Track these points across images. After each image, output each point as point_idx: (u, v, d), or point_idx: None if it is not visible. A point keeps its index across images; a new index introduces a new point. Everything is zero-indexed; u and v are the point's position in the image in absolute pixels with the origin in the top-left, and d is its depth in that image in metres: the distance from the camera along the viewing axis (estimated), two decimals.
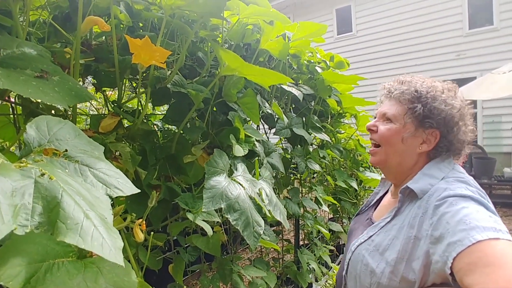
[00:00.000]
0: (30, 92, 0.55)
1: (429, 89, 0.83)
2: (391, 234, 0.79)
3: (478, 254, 0.59)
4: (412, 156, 0.85)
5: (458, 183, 0.75)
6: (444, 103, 0.81)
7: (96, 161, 0.50)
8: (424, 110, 0.82)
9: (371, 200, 1.04)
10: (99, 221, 0.38)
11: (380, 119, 0.91)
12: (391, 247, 0.77)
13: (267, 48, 1.30)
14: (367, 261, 0.81)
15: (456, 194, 0.71)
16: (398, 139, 0.85)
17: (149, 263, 1.03)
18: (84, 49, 0.96)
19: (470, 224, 0.63)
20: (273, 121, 1.58)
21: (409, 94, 0.84)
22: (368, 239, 0.85)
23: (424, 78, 0.88)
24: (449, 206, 0.69)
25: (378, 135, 0.88)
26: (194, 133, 1.04)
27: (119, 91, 0.96)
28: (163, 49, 0.80)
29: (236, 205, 0.80)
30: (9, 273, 0.45)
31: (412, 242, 0.73)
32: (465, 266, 0.60)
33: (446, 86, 0.85)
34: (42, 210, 0.35)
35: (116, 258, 0.36)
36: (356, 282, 0.84)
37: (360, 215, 1.04)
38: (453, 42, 6.94)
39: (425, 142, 0.83)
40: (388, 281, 0.75)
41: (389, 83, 0.92)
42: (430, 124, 0.82)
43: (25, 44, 0.67)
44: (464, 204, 0.68)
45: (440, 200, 0.72)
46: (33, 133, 0.46)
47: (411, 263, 0.72)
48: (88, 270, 0.55)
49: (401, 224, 0.79)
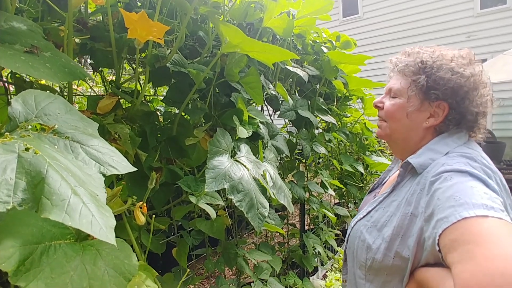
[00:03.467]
0: (18, 66, 0.52)
1: (436, 59, 0.77)
2: (390, 211, 0.77)
3: (462, 231, 0.56)
4: (418, 131, 0.80)
5: (460, 158, 0.71)
6: (451, 72, 0.75)
7: (89, 138, 0.47)
8: (428, 81, 0.76)
9: (383, 177, 1.01)
10: (89, 198, 0.35)
11: (386, 95, 0.87)
12: (389, 223, 0.75)
13: (270, 26, 1.24)
14: (365, 236, 0.79)
15: (453, 169, 0.67)
16: (403, 114, 0.80)
17: (153, 247, 1.02)
18: (80, 27, 0.92)
19: (460, 200, 0.59)
20: (277, 103, 1.54)
21: (413, 66, 0.79)
22: (367, 214, 0.83)
23: (435, 48, 0.82)
24: (443, 181, 0.65)
25: (384, 111, 0.85)
26: (195, 114, 1.01)
27: (117, 71, 0.92)
28: (160, 24, 0.76)
29: (239, 186, 0.77)
30: (2, 255, 0.43)
31: (409, 218, 0.71)
32: (449, 243, 0.57)
33: (458, 54, 0.79)
34: (26, 186, 0.33)
35: (107, 236, 0.33)
36: (353, 257, 0.84)
37: (371, 192, 1.02)
38: (464, 23, 6.71)
39: (432, 116, 0.78)
40: (382, 257, 0.74)
41: (396, 57, 0.88)
42: (436, 96, 0.76)
43: (14, 19, 0.64)
44: (459, 179, 0.64)
45: (435, 175, 0.68)
46: (19, 107, 0.43)
47: (406, 240, 0.70)
48: (86, 252, 0.53)
49: (400, 200, 0.76)
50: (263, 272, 1.44)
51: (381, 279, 0.77)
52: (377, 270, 0.77)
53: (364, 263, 0.79)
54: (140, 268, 0.74)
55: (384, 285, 0.77)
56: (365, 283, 0.80)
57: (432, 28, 7.03)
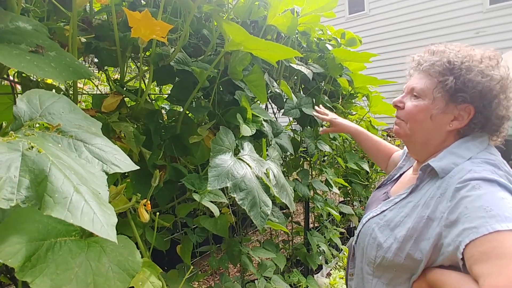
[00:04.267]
0: (23, 66, 0.53)
1: (464, 59, 0.74)
2: (404, 211, 0.76)
3: (494, 244, 0.55)
4: (441, 134, 0.78)
5: (485, 165, 0.69)
6: (481, 74, 0.71)
7: (92, 137, 0.48)
8: (457, 83, 0.73)
9: (394, 174, 0.99)
10: (91, 196, 0.36)
11: (407, 94, 0.83)
12: (402, 224, 0.75)
13: (274, 23, 1.24)
14: (376, 234, 0.79)
15: (481, 178, 0.65)
16: (426, 117, 0.77)
17: (157, 244, 1.03)
18: (85, 26, 0.93)
19: (491, 212, 0.58)
20: (281, 101, 1.54)
21: (440, 66, 0.76)
22: (381, 213, 0.82)
23: (461, 46, 0.79)
24: (471, 189, 0.64)
25: (405, 112, 0.81)
26: (199, 112, 1.02)
27: (121, 69, 0.93)
28: (163, 23, 0.76)
29: (242, 184, 0.78)
30: (8, 251, 0.44)
31: (424, 222, 0.70)
32: (477, 254, 0.56)
33: (486, 54, 0.75)
34: (30, 184, 0.33)
35: (109, 234, 0.34)
36: (363, 253, 0.84)
37: (380, 188, 1.00)
38: (472, 19, 6.59)
39: (456, 119, 0.75)
40: (393, 256, 0.74)
41: (418, 54, 0.84)
42: (463, 99, 0.73)
43: (19, 19, 0.65)
44: (488, 189, 0.62)
45: (462, 182, 0.66)
46: (23, 107, 0.44)
47: (419, 243, 0.70)
48: (91, 249, 0.54)
49: (416, 202, 0.75)
50: (267, 269, 1.44)
51: (390, 275, 0.77)
52: (386, 267, 0.77)
53: (373, 260, 0.79)
54: (144, 264, 0.75)
55: (392, 281, 0.77)
56: (373, 278, 0.81)
57: (439, 24, 6.92)
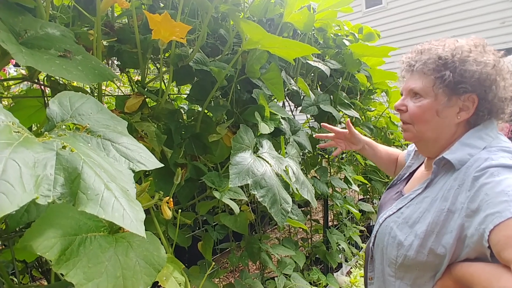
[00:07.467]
0: (53, 70, 0.55)
1: (454, 52, 0.75)
2: (422, 207, 0.75)
3: None
4: (450, 127, 0.78)
5: (502, 152, 0.69)
6: (475, 63, 0.73)
7: (119, 136, 0.50)
8: (455, 76, 0.74)
9: (404, 173, 0.98)
10: (120, 193, 0.37)
11: (407, 96, 0.83)
12: (422, 219, 0.74)
13: (290, 20, 1.23)
14: (395, 233, 0.78)
15: (499, 164, 0.65)
16: (433, 114, 0.78)
17: (179, 240, 1.05)
18: (107, 30, 0.96)
19: None
20: (299, 99, 1.53)
21: (432, 63, 0.76)
22: (397, 211, 0.81)
23: (444, 40, 0.79)
24: (490, 176, 0.64)
25: (409, 114, 0.81)
26: (218, 111, 1.03)
27: (142, 71, 0.96)
28: (182, 24, 0.78)
29: (262, 181, 0.78)
30: (46, 244, 0.47)
31: (445, 215, 0.69)
32: (503, 239, 0.56)
33: (471, 43, 0.76)
34: (64, 181, 0.35)
35: (138, 229, 0.35)
36: (382, 254, 0.82)
37: (391, 188, 0.99)
38: (497, 8, 6.30)
39: (462, 110, 0.76)
40: (415, 254, 0.73)
41: (407, 56, 0.84)
42: (464, 90, 0.74)
43: (48, 25, 0.68)
44: (507, 175, 0.62)
45: (480, 171, 0.66)
46: (55, 108, 0.46)
47: (441, 237, 0.69)
48: (119, 244, 0.56)
49: (434, 196, 0.74)
50: (287, 267, 1.45)
51: (413, 275, 0.76)
52: (409, 267, 0.76)
53: (395, 260, 0.78)
54: (167, 260, 0.77)
55: (416, 281, 0.76)
56: (395, 280, 0.79)
57: (460, 15, 6.66)
